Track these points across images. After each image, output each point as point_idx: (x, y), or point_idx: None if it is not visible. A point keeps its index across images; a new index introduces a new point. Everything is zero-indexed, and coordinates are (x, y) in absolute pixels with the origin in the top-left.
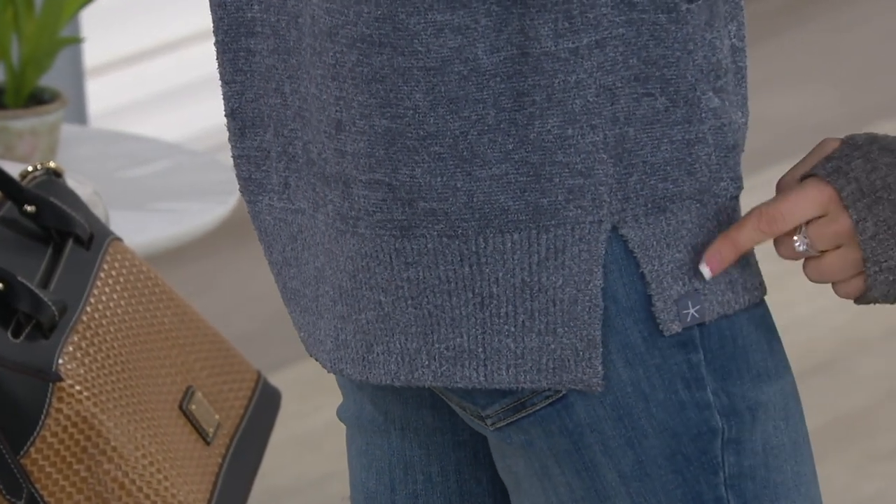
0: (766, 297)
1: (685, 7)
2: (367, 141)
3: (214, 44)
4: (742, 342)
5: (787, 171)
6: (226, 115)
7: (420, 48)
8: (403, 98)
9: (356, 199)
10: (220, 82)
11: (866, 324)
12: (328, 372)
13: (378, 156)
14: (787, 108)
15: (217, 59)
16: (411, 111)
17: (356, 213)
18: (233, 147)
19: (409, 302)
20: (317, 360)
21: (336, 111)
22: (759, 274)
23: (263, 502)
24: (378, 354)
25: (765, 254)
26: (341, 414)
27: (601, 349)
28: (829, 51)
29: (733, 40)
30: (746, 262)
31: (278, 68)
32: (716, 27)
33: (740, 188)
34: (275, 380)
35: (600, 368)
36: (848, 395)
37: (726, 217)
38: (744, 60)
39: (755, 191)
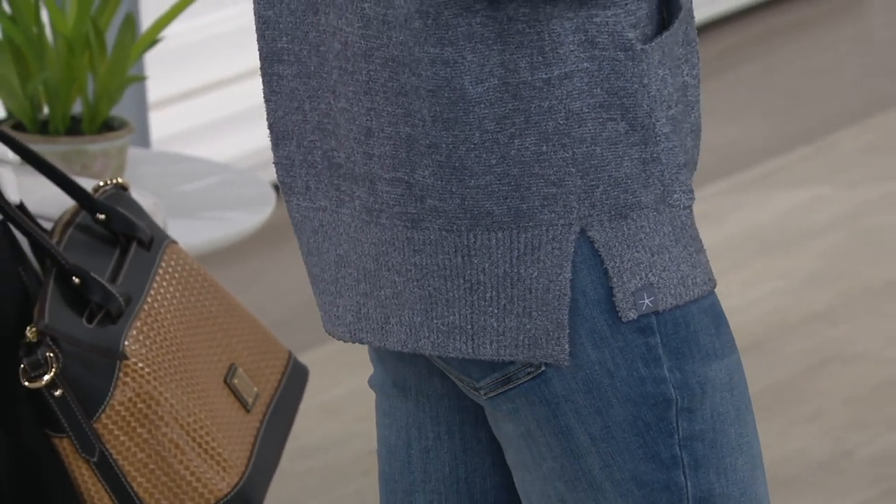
0: None
1: (640, 47)
2: (393, 145)
3: (259, 68)
4: (693, 327)
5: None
6: (267, 128)
7: (423, 73)
8: (417, 111)
9: (380, 194)
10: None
11: (789, 311)
12: (346, 342)
13: (400, 157)
14: (726, 135)
15: (261, 81)
16: (421, 123)
17: (379, 206)
18: (273, 155)
19: (415, 283)
20: (332, 334)
21: (367, 120)
22: (709, 271)
23: (294, 458)
24: (393, 325)
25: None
26: (371, 382)
27: (568, 330)
28: (759, 88)
29: (686, 78)
30: (698, 261)
31: (300, 90)
32: (667, 65)
33: (692, 199)
34: (303, 358)
35: (567, 346)
36: (774, 370)
37: (680, 223)
38: (695, 95)
39: (697, 203)
